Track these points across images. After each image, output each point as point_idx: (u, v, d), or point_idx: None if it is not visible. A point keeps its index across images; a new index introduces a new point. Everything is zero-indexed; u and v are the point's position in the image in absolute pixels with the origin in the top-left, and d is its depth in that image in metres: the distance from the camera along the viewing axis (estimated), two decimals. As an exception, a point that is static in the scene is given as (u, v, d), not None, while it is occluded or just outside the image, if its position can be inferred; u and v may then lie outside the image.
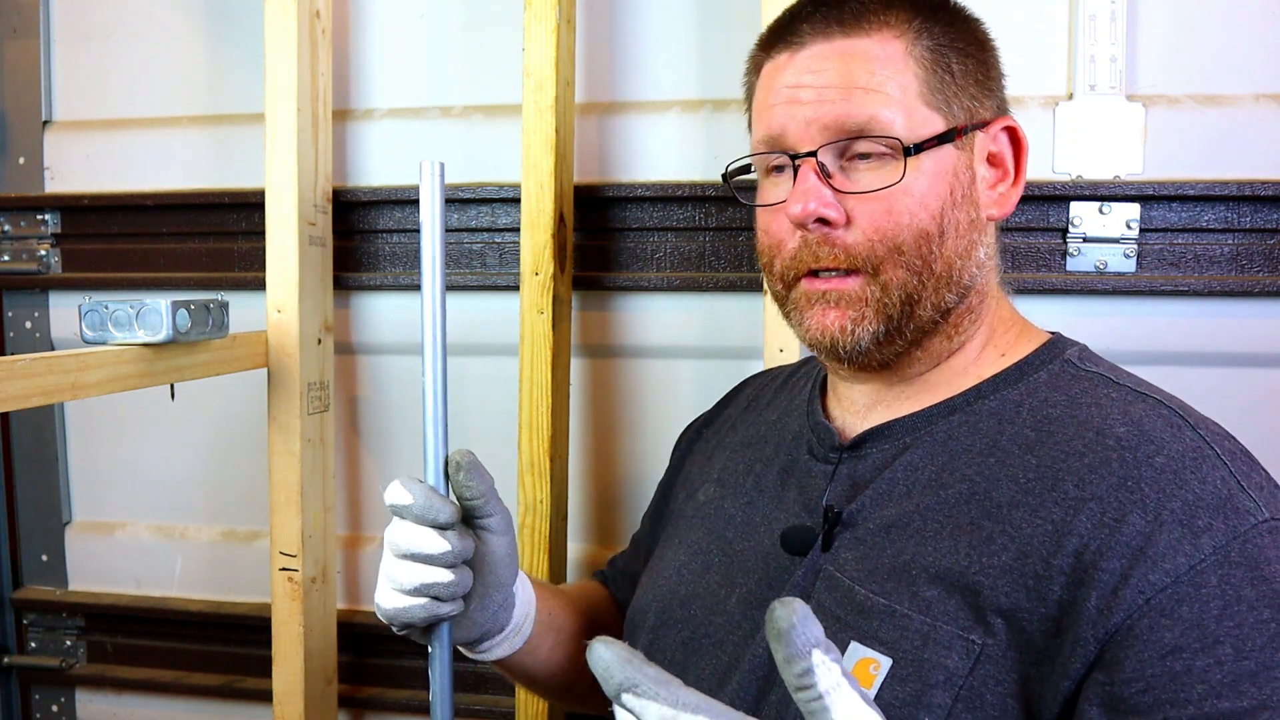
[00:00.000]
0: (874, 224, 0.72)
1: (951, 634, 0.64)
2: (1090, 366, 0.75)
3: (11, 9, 1.48)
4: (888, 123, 0.71)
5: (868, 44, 0.72)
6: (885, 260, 0.72)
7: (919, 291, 0.72)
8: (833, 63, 0.73)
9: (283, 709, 1.26)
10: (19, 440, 1.54)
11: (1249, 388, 1.19)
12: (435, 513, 0.71)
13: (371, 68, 1.40)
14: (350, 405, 1.44)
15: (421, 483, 0.73)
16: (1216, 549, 0.60)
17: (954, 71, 0.74)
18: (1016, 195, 0.78)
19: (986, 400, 0.74)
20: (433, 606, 0.73)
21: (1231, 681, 0.56)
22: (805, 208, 0.71)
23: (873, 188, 0.71)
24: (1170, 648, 0.58)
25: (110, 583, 1.53)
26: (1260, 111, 1.17)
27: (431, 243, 0.73)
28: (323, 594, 1.29)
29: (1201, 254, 1.18)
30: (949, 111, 0.73)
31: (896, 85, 0.72)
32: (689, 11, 1.29)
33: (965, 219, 0.74)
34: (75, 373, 0.92)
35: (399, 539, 0.72)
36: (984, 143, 0.76)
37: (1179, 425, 0.67)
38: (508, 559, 0.77)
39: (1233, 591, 0.58)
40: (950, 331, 0.76)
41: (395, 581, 0.72)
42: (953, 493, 0.69)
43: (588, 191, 1.30)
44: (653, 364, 1.35)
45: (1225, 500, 0.62)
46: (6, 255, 1.49)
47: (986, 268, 0.77)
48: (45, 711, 1.57)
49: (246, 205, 1.40)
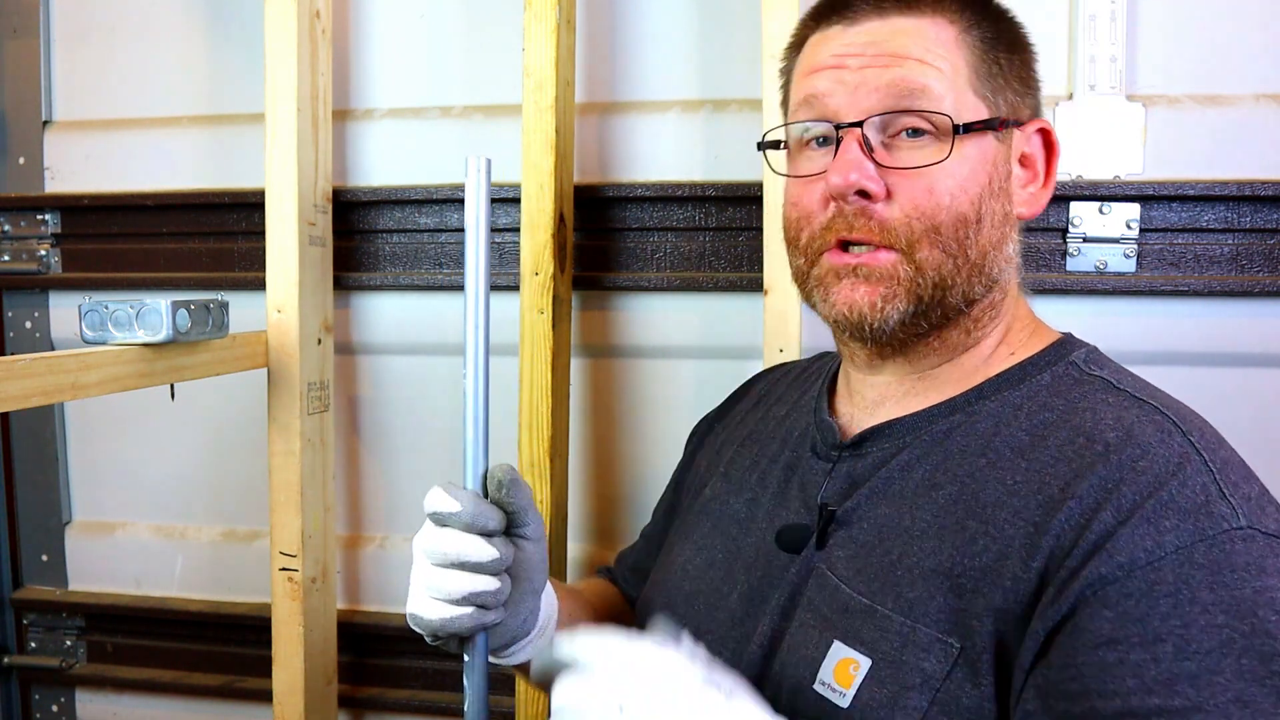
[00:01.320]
0: (914, 201, 0.70)
1: (930, 637, 0.64)
2: (1094, 370, 0.74)
3: (11, 9, 1.48)
4: (939, 96, 0.70)
5: (922, 24, 0.72)
6: (922, 239, 0.70)
7: (953, 276, 0.71)
8: (885, 36, 0.72)
9: (283, 709, 1.26)
10: (19, 440, 1.54)
11: (1249, 388, 1.19)
12: (485, 520, 0.71)
13: (371, 68, 1.40)
14: (350, 405, 1.44)
15: (466, 490, 0.72)
16: (1180, 548, 0.59)
17: (1003, 65, 0.74)
18: (1046, 197, 0.78)
19: (987, 401, 0.74)
20: (479, 615, 0.72)
21: (1167, 680, 0.55)
22: (847, 178, 0.70)
23: (916, 164, 0.70)
24: (1106, 638, 0.58)
25: (110, 583, 1.53)
26: (1260, 111, 1.17)
27: (476, 246, 0.71)
28: (323, 594, 1.29)
29: (1201, 254, 1.18)
30: (994, 102, 0.73)
31: (949, 65, 0.71)
32: (689, 11, 1.29)
33: (1000, 211, 0.74)
34: (75, 373, 0.92)
35: (444, 547, 0.70)
36: (1019, 142, 0.76)
37: (1170, 431, 0.66)
38: (541, 565, 0.77)
39: (1188, 592, 0.57)
40: (969, 325, 0.76)
41: (439, 591, 0.71)
42: (944, 494, 0.69)
43: (588, 191, 1.30)
44: (653, 364, 1.35)
45: (1201, 506, 0.60)
46: (6, 255, 1.49)
47: (1013, 264, 0.77)
48: (45, 711, 1.57)
49: (246, 205, 1.40)
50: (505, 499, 0.73)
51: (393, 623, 1.40)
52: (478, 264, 0.71)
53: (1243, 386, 1.19)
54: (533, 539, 0.75)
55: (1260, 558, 0.58)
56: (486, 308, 0.72)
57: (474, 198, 0.70)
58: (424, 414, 1.42)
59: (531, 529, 0.75)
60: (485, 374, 0.73)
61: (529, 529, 0.75)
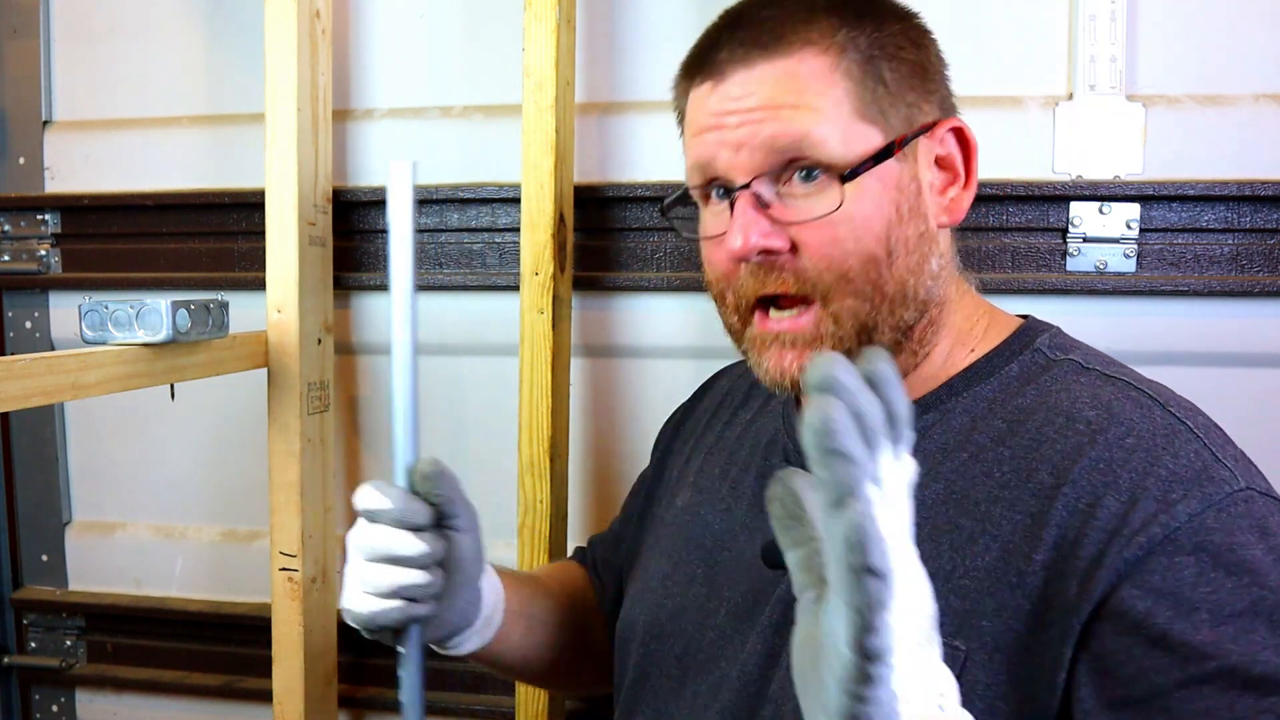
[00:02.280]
0: (820, 251, 0.69)
1: None
2: (1060, 353, 0.74)
3: (11, 9, 1.47)
4: (820, 140, 0.68)
5: (791, 64, 0.69)
6: (833, 288, 0.69)
7: (872, 317, 0.70)
8: (755, 87, 0.69)
9: (283, 709, 1.26)
10: (19, 440, 1.54)
11: (1249, 388, 1.19)
12: (413, 515, 0.72)
13: (371, 68, 1.40)
14: (350, 405, 1.44)
15: (395, 487, 0.73)
16: (1192, 516, 0.60)
17: (887, 80, 0.70)
18: (968, 199, 0.75)
19: (959, 397, 0.73)
20: (408, 609, 0.73)
21: (1213, 641, 0.56)
22: (747, 242, 0.69)
23: (813, 216, 0.68)
24: (1144, 616, 0.58)
25: (110, 583, 1.53)
26: (1260, 111, 1.17)
27: (401, 242, 0.72)
28: (323, 594, 1.29)
29: (1201, 254, 1.18)
30: (885, 123, 0.70)
31: (828, 101, 0.69)
32: (689, 11, 1.29)
33: (914, 234, 0.71)
34: (75, 373, 0.92)
35: (372, 542, 0.72)
36: (930, 147, 0.73)
37: (1148, 405, 0.66)
38: (475, 556, 0.77)
39: (1209, 559, 0.58)
40: (914, 346, 0.75)
41: (369, 585, 0.72)
42: (929, 494, 0.69)
43: (588, 191, 1.30)
44: (653, 364, 1.35)
45: (1201, 471, 0.62)
46: (6, 255, 1.49)
47: (942, 278, 0.74)
48: (45, 711, 1.57)
49: (246, 205, 1.40)
50: (431, 493, 0.73)
51: (393, 623, 1.40)
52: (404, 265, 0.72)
53: (1243, 386, 1.19)
54: (464, 530, 0.76)
55: (1262, 518, 0.61)
56: (412, 303, 0.73)
57: (400, 202, 0.72)
58: (424, 414, 1.40)
59: (462, 519, 0.75)
60: (413, 368, 0.74)
61: (459, 519, 0.75)
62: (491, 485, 1.27)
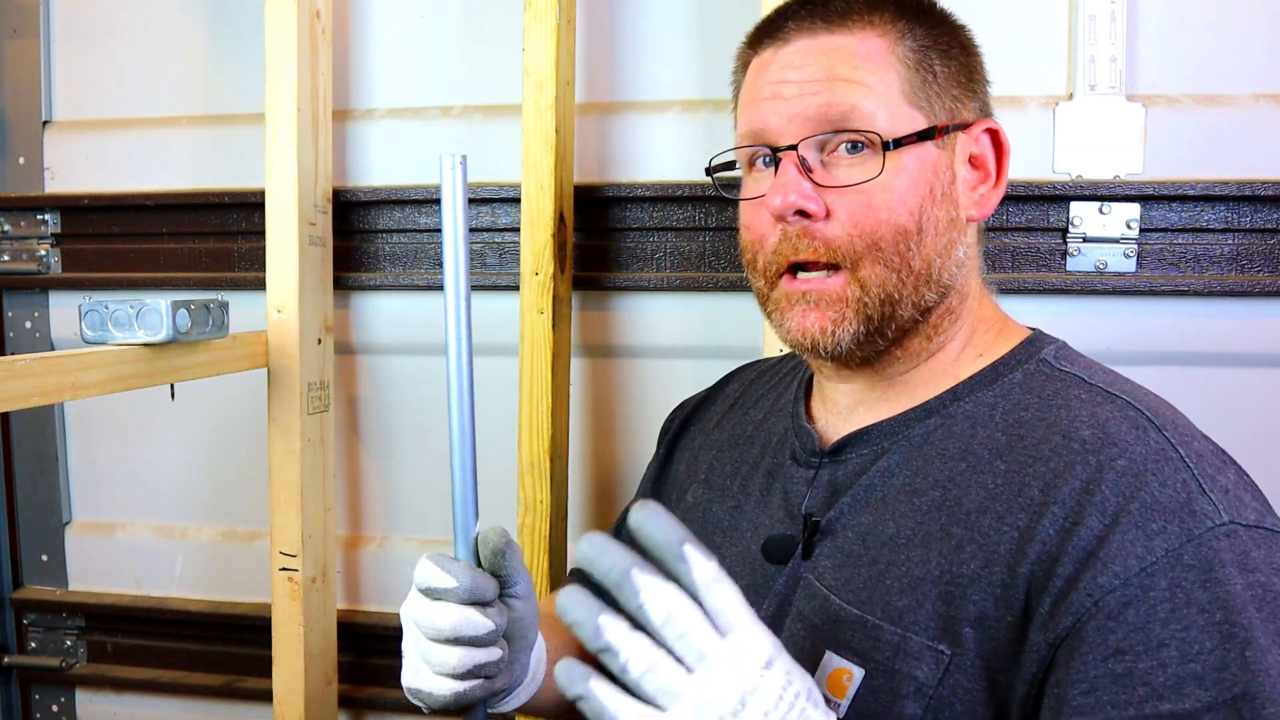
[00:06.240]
0: (853, 218, 0.72)
1: (921, 645, 0.64)
2: (1065, 366, 0.74)
3: (11, 9, 1.48)
4: (869, 114, 0.71)
5: (851, 41, 0.73)
6: (864, 256, 0.72)
7: (899, 290, 0.72)
8: (816, 58, 0.73)
9: (283, 709, 1.26)
10: (19, 440, 1.54)
11: (1249, 388, 1.19)
12: (482, 593, 0.69)
13: (371, 68, 1.40)
14: (350, 405, 1.44)
15: (458, 561, 0.70)
16: (1169, 551, 0.59)
17: (937, 72, 0.74)
18: (997, 197, 0.78)
19: (962, 403, 0.74)
20: (488, 686, 0.71)
21: (1174, 684, 0.56)
22: (785, 200, 0.71)
23: (852, 181, 0.72)
24: (1114, 649, 0.58)
25: (110, 583, 1.53)
26: (1260, 111, 1.17)
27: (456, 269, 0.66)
28: (323, 594, 1.29)
29: (1201, 254, 1.18)
30: (931, 110, 0.74)
31: (879, 80, 0.72)
32: (689, 11, 1.29)
33: (944, 217, 0.74)
34: (75, 373, 0.92)
35: (439, 621, 0.68)
36: (966, 144, 0.76)
37: (1145, 427, 0.66)
38: (533, 622, 0.76)
39: (1183, 595, 0.58)
40: (930, 331, 0.76)
41: (442, 666, 0.69)
42: (925, 499, 0.70)
43: (588, 191, 1.30)
44: (653, 364, 1.35)
45: (1183, 504, 0.61)
46: (6, 255, 1.49)
47: (966, 267, 0.77)
48: (45, 711, 1.57)
49: (246, 205, 1.40)
50: (498, 564, 0.71)
51: (392, 623, 1.40)
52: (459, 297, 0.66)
53: (1243, 386, 1.19)
54: (523, 597, 0.74)
55: (1244, 553, 0.60)
56: (469, 350, 0.68)
57: (450, 201, 0.68)
58: (424, 414, 1.42)
59: (521, 587, 0.74)
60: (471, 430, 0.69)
61: (519, 588, 0.73)
62: (491, 485, 1.27)
